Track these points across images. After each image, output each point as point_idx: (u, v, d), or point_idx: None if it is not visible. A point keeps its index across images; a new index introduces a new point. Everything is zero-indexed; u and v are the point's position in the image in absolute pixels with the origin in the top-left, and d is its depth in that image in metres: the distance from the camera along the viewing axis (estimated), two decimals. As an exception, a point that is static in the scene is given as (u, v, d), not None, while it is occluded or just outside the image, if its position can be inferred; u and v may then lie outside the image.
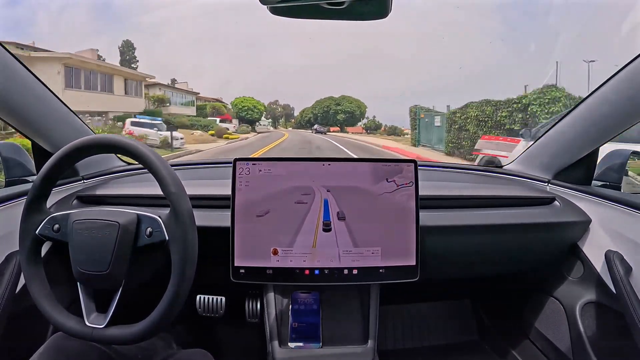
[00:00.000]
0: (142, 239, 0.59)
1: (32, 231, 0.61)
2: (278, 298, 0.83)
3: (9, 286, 0.71)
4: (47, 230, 0.61)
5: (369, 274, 0.73)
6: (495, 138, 5.94)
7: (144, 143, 0.62)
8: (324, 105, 30.32)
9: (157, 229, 0.59)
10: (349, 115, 29.51)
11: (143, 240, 0.59)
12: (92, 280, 0.59)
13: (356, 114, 29.70)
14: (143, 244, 0.59)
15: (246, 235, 0.72)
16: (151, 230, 0.59)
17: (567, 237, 0.91)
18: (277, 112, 34.51)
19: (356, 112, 29.66)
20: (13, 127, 0.80)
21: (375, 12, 0.43)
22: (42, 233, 0.61)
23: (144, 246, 0.59)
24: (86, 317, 0.58)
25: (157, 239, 0.58)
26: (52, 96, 0.84)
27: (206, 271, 0.67)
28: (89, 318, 0.58)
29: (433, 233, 0.81)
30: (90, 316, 0.59)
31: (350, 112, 29.51)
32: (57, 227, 0.61)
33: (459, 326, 1.31)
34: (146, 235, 0.59)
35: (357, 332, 0.81)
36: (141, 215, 0.60)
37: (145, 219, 0.60)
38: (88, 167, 0.98)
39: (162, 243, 0.58)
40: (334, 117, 29.58)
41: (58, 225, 0.61)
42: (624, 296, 0.75)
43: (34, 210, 0.62)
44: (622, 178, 0.93)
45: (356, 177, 0.74)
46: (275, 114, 34.14)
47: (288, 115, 34.35)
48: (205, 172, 1.11)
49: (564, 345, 0.91)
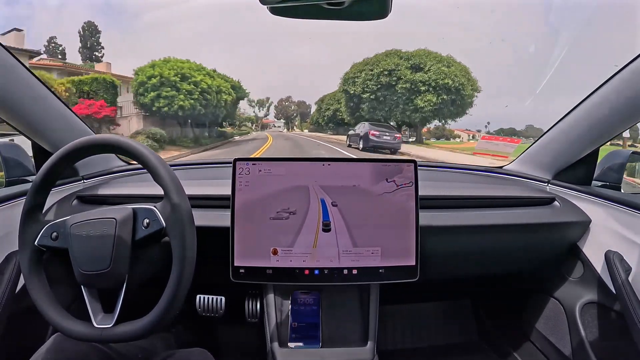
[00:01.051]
0: (140, 231, 0.59)
1: (31, 242, 0.61)
2: (278, 298, 0.83)
3: (9, 286, 0.71)
4: (46, 240, 0.61)
5: (369, 274, 0.73)
6: (495, 138, 5.95)
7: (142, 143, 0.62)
8: (374, 74, 13.63)
9: (154, 218, 0.59)
10: (451, 94, 12.26)
11: (141, 232, 0.59)
12: (95, 280, 0.59)
13: (465, 95, 12.56)
14: (142, 236, 0.59)
15: (246, 235, 0.72)
16: (148, 221, 0.59)
17: (567, 237, 0.91)
18: (290, 110, 28.30)
19: (465, 90, 12.38)
20: (13, 127, 0.80)
21: (375, 12, 0.43)
22: (41, 243, 0.61)
23: (143, 238, 0.59)
24: (93, 319, 0.59)
25: (155, 228, 0.59)
26: (52, 96, 0.84)
27: (206, 271, 0.67)
28: (96, 319, 0.59)
29: (433, 233, 0.81)
30: (97, 317, 0.59)
31: (455, 89, 12.21)
32: (55, 234, 0.61)
33: (459, 326, 1.31)
34: (143, 227, 0.59)
35: (357, 332, 0.81)
36: (136, 208, 0.61)
37: (141, 211, 0.60)
38: (88, 167, 0.98)
39: (160, 232, 0.59)
40: (407, 103, 13.10)
41: (56, 233, 0.61)
42: (624, 296, 0.75)
43: (31, 220, 0.62)
44: (622, 178, 0.93)
45: (356, 177, 0.74)
46: (288, 113, 28.15)
47: (304, 115, 27.54)
48: (205, 172, 1.11)
49: (564, 345, 0.91)
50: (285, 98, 27.84)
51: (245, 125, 22.10)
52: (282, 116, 27.43)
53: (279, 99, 27.62)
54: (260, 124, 26.05)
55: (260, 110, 25.58)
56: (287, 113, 27.75)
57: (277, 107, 27.46)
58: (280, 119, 27.20)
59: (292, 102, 28.07)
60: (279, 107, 27.48)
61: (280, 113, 27.39)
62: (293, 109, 28.00)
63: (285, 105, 27.69)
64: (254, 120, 24.75)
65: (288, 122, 27.46)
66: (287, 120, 27.48)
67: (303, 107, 27.33)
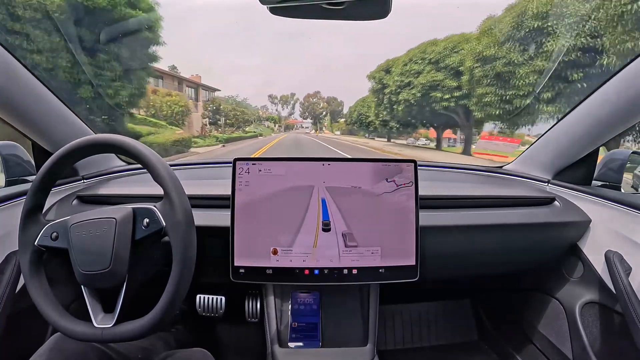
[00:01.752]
0: (139, 231, 0.59)
1: (31, 243, 0.61)
2: (278, 298, 0.83)
3: (9, 286, 0.71)
4: (46, 240, 0.61)
5: (369, 274, 0.73)
6: (495, 138, 5.94)
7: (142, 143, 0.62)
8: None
9: (154, 218, 0.59)
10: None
11: (141, 232, 0.59)
12: (96, 280, 0.59)
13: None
14: (142, 235, 0.59)
15: (246, 235, 0.72)
16: (148, 221, 0.59)
17: (567, 237, 0.91)
18: (319, 108, 23.25)
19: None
20: (13, 127, 0.80)
21: (375, 12, 0.44)
22: (41, 244, 0.61)
23: (143, 238, 0.59)
24: (94, 319, 0.59)
25: (155, 228, 0.59)
26: (53, 96, 0.84)
27: (206, 271, 0.67)
28: (96, 320, 0.59)
29: (433, 233, 0.81)
30: (98, 317, 0.59)
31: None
32: (55, 234, 0.61)
33: (459, 326, 1.31)
34: (143, 227, 0.59)
35: (357, 332, 0.81)
36: (136, 208, 0.61)
37: (141, 211, 0.60)
38: (88, 167, 0.98)
39: (160, 231, 0.59)
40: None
41: (56, 232, 0.61)
42: (624, 296, 0.75)
43: (31, 220, 0.62)
44: (622, 178, 0.93)
45: (356, 177, 0.74)
46: (316, 111, 23.34)
47: (335, 114, 22.86)
48: (205, 172, 1.12)
49: (563, 345, 0.91)
50: (312, 93, 22.87)
51: (262, 125, 18.57)
52: (308, 114, 23.01)
53: (304, 95, 22.79)
54: (284, 124, 22.01)
55: (284, 108, 21.89)
56: (314, 111, 23.10)
57: (303, 105, 23.11)
58: (307, 118, 22.75)
59: (320, 98, 23.07)
60: (305, 104, 23.13)
61: (307, 111, 23.05)
62: (322, 107, 23.25)
63: (313, 102, 22.99)
64: (276, 119, 21.45)
65: (316, 121, 23.06)
66: (314, 119, 23.09)
67: (334, 104, 22.64)
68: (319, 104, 23.86)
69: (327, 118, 23.37)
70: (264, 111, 19.79)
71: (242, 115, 17.84)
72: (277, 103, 21.65)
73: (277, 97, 21.79)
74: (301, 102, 23.42)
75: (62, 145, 0.63)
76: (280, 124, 22.08)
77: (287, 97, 22.42)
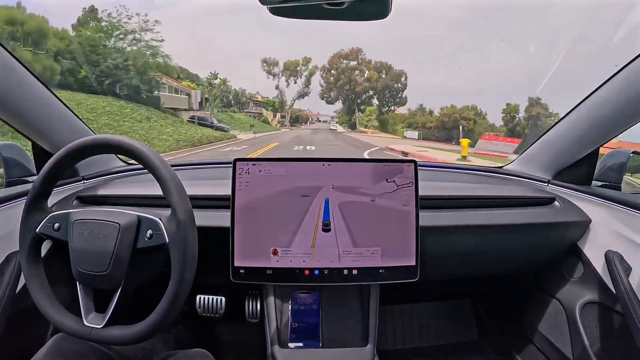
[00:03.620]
0: (142, 240, 0.59)
1: (33, 230, 0.61)
2: (278, 298, 0.83)
3: (9, 286, 0.71)
4: (48, 229, 0.61)
5: (369, 274, 0.73)
6: (495, 138, 5.93)
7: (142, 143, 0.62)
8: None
9: (158, 231, 0.58)
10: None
11: (143, 242, 0.59)
12: (91, 280, 0.59)
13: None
14: (143, 246, 0.59)
15: (246, 236, 0.72)
16: (152, 232, 0.58)
17: (567, 237, 0.91)
18: (359, 83, 12.38)
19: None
20: (13, 127, 0.80)
21: (376, 12, 0.43)
22: (42, 232, 0.61)
23: (143, 248, 0.59)
24: (84, 316, 0.58)
25: (157, 242, 0.58)
26: (52, 96, 0.84)
27: (206, 271, 0.67)
28: (87, 318, 0.58)
29: (433, 233, 0.81)
30: (89, 316, 0.59)
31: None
32: (58, 225, 0.61)
33: (459, 326, 1.31)
34: (146, 238, 0.59)
35: (357, 332, 0.81)
36: (142, 216, 0.60)
37: (146, 221, 0.59)
38: (88, 168, 0.98)
39: (162, 246, 0.58)
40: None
41: (58, 224, 0.61)
42: (624, 296, 0.75)
43: (34, 209, 0.62)
44: (622, 178, 0.93)
45: (356, 177, 0.74)
46: (355, 89, 12.59)
47: (394, 92, 12.89)
48: (206, 172, 1.12)
49: (563, 345, 0.91)
50: (342, 52, 10.92)
51: (251, 116, 10.08)
52: (333, 96, 11.28)
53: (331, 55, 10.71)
54: (290, 117, 12.10)
55: (289, 83, 11.01)
56: (345, 90, 11.05)
57: (325, 78, 11.68)
58: (333, 101, 11.04)
59: (362, 62, 10.99)
60: (327, 78, 11.49)
61: (331, 90, 11.34)
62: (362, 82, 11.20)
63: (343, 69, 10.85)
64: (275, 105, 10.92)
65: (350, 109, 11.59)
66: (348, 105, 11.49)
67: (391, 74, 11.06)
68: (356, 74, 11.00)
69: (373, 104, 11.08)
70: (253, 95, 10.08)
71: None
72: (277, 74, 11.01)
73: (278, 63, 11.20)
74: (322, 75, 11.34)
75: (62, 145, 0.63)
76: (284, 112, 12.08)
77: (295, 65, 11.72)
